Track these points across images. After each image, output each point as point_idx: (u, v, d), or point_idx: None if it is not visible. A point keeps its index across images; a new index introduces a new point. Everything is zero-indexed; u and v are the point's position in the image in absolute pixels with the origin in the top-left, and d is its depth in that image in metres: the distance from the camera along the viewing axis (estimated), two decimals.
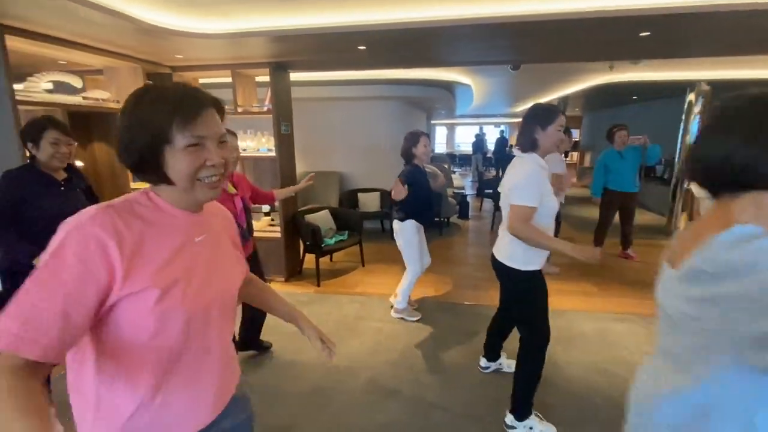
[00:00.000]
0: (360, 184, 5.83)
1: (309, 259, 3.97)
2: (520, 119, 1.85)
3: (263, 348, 2.63)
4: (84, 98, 2.96)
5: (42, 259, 0.61)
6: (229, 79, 3.58)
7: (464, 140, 18.20)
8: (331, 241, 3.97)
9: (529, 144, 1.74)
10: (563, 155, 4.53)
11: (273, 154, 3.67)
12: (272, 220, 4.08)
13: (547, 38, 2.84)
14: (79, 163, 3.31)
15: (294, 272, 4.00)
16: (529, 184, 1.67)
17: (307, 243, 3.83)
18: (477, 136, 12.68)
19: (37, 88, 2.59)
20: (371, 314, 3.15)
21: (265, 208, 4.17)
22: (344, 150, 5.84)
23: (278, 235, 3.80)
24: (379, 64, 3.93)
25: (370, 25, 2.53)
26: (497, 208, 6.03)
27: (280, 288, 3.70)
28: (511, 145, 14.29)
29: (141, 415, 0.70)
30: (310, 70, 4.24)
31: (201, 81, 3.93)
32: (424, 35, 2.71)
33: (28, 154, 1.80)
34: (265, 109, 3.58)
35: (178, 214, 0.74)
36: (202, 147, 0.69)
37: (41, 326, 0.58)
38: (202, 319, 0.74)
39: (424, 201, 2.95)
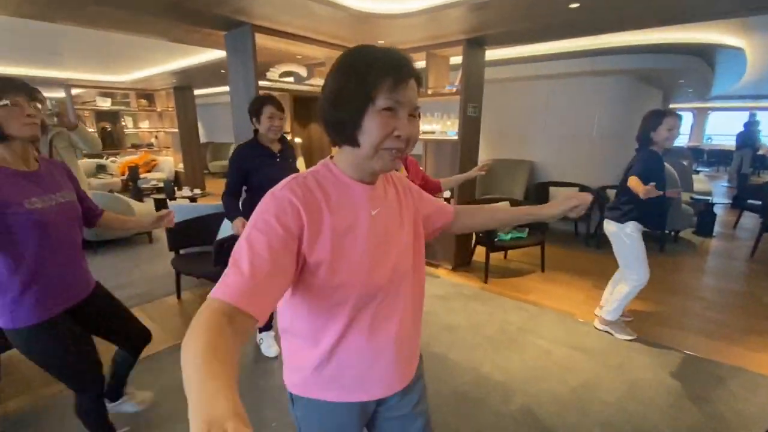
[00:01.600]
0: (554, 176, 5.04)
1: (480, 252, 3.69)
2: None
3: None
4: (310, 85, 3.56)
5: (249, 224, 0.67)
6: (423, 63, 3.59)
7: (718, 131, 13.52)
8: (506, 237, 3.57)
9: None
10: None
11: (456, 137, 3.52)
12: None
13: None
14: (297, 140, 4.04)
15: (462, 262, 3.81)
16: None
17: (480, 234, 3.56)
18: (746, 125, 9.04)
19: (274, 77, 3.26)
20: (540, 330, 2.65)
21: (446, 193, 4.10)
22: (539, 136, 5.14)
23: None
24: (596, 27, 3.15)
25: None
26: (767, 228, 4.13)
27: (445, 275, 3.60)
28: None
29: (320, 372, 0.78)
30: (508, 44, 3.83)
31: None
32: None
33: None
34: (454, 90, 3.44)
35: (355, 186, 0.75)
36: (395, 114, 0.67)
37: (260, 283, 0.60)
38: (377, 295, 0.75)
39: (655, 198, 2.25)
